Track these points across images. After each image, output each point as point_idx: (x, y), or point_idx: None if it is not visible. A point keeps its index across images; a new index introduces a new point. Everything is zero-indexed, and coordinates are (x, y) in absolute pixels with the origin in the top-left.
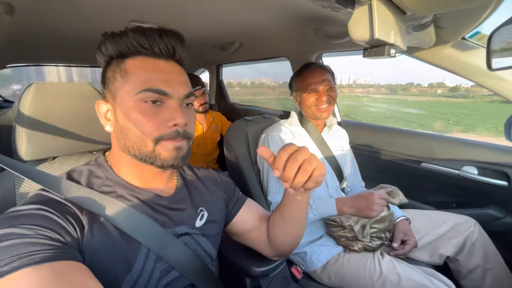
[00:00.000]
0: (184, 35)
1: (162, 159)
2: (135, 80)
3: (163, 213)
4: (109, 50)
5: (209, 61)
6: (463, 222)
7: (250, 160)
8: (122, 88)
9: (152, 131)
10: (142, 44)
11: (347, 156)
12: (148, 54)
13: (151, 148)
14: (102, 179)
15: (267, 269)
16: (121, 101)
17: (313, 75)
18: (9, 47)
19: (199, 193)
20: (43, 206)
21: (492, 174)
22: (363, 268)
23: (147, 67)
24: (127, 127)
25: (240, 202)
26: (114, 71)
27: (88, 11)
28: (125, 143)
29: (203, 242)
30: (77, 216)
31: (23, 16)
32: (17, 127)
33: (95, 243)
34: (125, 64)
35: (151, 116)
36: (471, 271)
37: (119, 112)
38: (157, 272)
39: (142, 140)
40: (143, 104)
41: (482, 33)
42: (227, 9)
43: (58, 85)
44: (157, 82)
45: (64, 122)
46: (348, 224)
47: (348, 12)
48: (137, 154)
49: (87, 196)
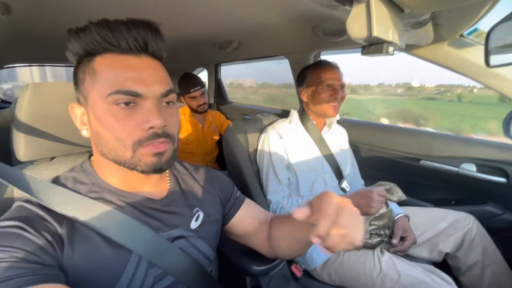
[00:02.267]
0: (182, 34)
1: (142, 166)
2: (104, 80)
3: (155, 217)
4: (75, 48)
5: (208, 60)
6: (462, 218)
7: (249, 159)
8: (92, 90)
9: (128, 136)
10: (108, 39)
11: (346, 155)
12: (116, 50)
13: (129, 155)
14: (88, 185)
15: (267, 267)
16: (93, 105)
17: (331, 71)
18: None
19: (194, 192)
20: (20, 223)
21: (490, 171)
22: (363, 265)
23: (116, 66)
24: (101, 132)
25: (238, 203)
26: (84, 71)
27: (85, 11)
28: (102, 149)
29: (199, 245)
30: (55, 232)
31: (20, 16)
32: (15, 127)
33: (77, 258)
34: (93, 63)
35: (124, 119)
36: (470, 267)
37: (92, 116)
38: (149, 279)
39: (119, 147)
40: (115, 106)
41: (480, 30)
42: (225, 8)
43: (56, 85)
44: (128, 82)
45: (62, 122)
46: None
47: (347, 10)
48: (116, 160)
49: (74, 202)
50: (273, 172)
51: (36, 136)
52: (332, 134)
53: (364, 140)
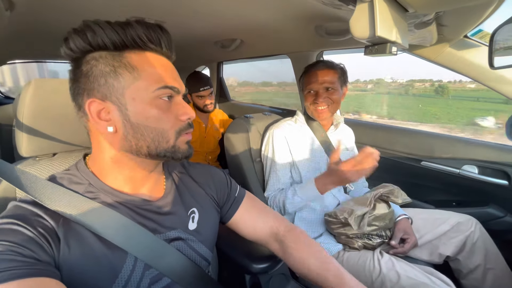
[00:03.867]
0: (185, 32)
1: (181, 152)
2: (148, 77)
3: (152, 219)
4: (99, 40)
5: (210, 58)
6: (464, 221)
7: (250, 157)
8: (132, 85)
9: (172, 126)
10: (151, 38)
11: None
12: (154, 49)
13: (172, 143)
14: (84, 185)
15: (266, 266)
16: (135, 99)
17: (315, 74)
18: (9, 43)
19: (190, 192)
20: (16, 220)
21: (492, 173)
22: (363, 266)
23: (157, 64)
24: (144, 124)
25: (238, 201)
26: (115, 66)
27: (88, 7)
28: (137, 142)
29: (197, 246)
30: (52, 229)
31: (23, 12)
32: (17, 123)
33: (73, 256)
34: (127, 58)
35: (167, 111)
36: (472, 270)
37: (133, 110)
38: (146, 280)
39: (163, 136)
40: (159, 100)
41: (484, 31)
42: (228, 6)
43: (58, 81)
44: (169, 79)
45: (64, 118)
46: (343, 217)
47: (350, 10)
48: (153, 151)
49: (70, 201)
50: (274, 171)
51: (38, 132)
52: (338, 134)
53: (365, 141)
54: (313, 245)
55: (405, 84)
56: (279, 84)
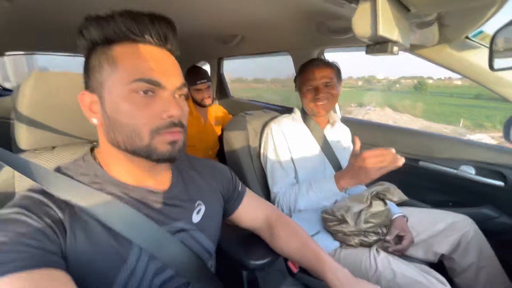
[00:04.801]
0: (185, 27)
1: (158, 153)
2: (124, 69)
3: (157, 210)
4: (92, 35)
5: (210, 54)
6: (459, 221)
7: (249, 154)
8: (110, 78)
9: (146, 123)
10: (132, 29)
11: (349, 153)
12: (138, 40)
13: (146, 142)
14: (89, 176)
15: (263, 262)
16: (110, 92)
17: (313, 71)
18: (8, 34)
19: (196, 186)
20: (23, 210)
21: (489, 174)
22: (359, 264)
23: (137, 55)
24: (118, 119)
25: (241, 197)
26: (100, 59)
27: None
28: (115, 137)
29: (200, 238)
30: (59, 219)
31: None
32: (17, 116)
33: (79, 247)
34: (112, 51)
35: (143, 107)
36: (465, 269)
37: (108, 104)
38: (150, 271)
39: (136, 133)
40: (135, 94)
41: (485, 32)
42: (230, 1)
43: (59, 75)
44: (149, 71)
45: (64, 112)
46: (340, 214)
47: (352, 8)
48: (129, 148)
49: (76, 190)
50: (279, 163)
51: (37, 125)
52: (335, 133)
53: (363, 140)
54: (297, 229)
55: (394, 81)
56: (272, 81)
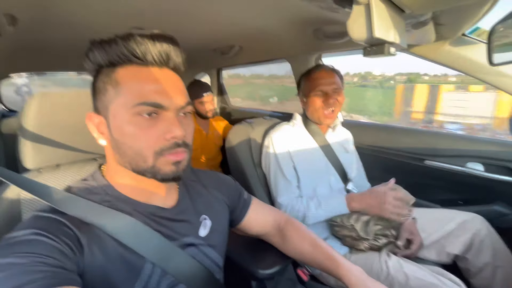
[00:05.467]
0: (184, 40)
1: (162, 174)
2: (128, 92)
3: (166, 226)
4: (97, 59)
5: (210, 65)
6: (470, 219)
7: (253, 163)
8: (114, 101)
9: (151, 146)
10: (134, 52)
11: (352, 157)
12: (140, 63)
13: (150, 163)
14: (101, 195)
15: (273, 271)
16: (115, 115)
17: (323, 76)
18: (12, 56)
19: (202, 200)
20: (38, 230)
21: (497, 170)
22: (370, 268)
23: (140, 78)
24: (123, 141)
25: (246, 206)
26: (105, 82)
27: (89, 20)
28: (121, 158)
29: (209, 252)
30: (75, 236)
31: (26, 27)
32: (22, 135)
33: (96, 263)
34: (115, 74)
35: (147, 129)
36: (481, 269)
37: (113, 126)
38: (163, 287)
39: (141, 156)
40: (139, 117)
41: (482, 28)
42: (226, 13)
43: (63, 94)
44: (152, 94)
45: (68, 130)
46: (350, 224)
47: (347, 12)
48: (135, 169)
49: (89, 209)
50: (281, 174)
51: (42, 144)
52: (336, 137)
53: (367, 142)
54: (308, 232)
55: (389, 77)
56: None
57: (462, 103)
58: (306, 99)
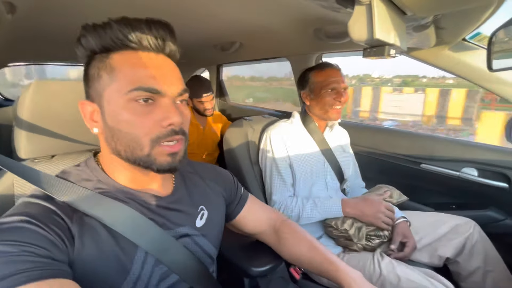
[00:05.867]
0: (184, 35)
1: (158, 164)
2: (123, 77)
3: (161, 215)
4: (90, 44)
5: (209, 61)
6: (462, 223)
7: (249, 160)
8: (109, 87)
9: (147, 133)
10: (129, 37)
11: (348, 156)
12: (135, 47)
13: (146, 152)
14: (93, 181)
15: (265, 269)
16: (109, 101)
17: (335, 73)
18: (10, 46)
19: (199, 190)
20: (28, 217)
21: (492, 176)
22: (363, 269)
23: (136, 62)
24: (118, 128)
25: (243, 201)
26: (99, 68)
27: (89, 10)
28: (116, 146)
29: (203, 243)
30: (65, 226)
31: (25, 15)
32: (17, 125)
33: (87, 253)
34: (110, 59)
35: (143, 116)
36: (471, 273)
37: (108, 113)
38: (155, 276)
39: (137, 143)
40: (134, 103)
41: (482, 34)
42: (228, 9)
43: (59, 84)
44: (148, 79)
45: (63, 121)
46: (344, 229)
47: (348, 12)
48: (129, 157)
49: (83, 197)
50: (277, 171)
51: (37, 134)
52: (334, 136)
53: (364, 143)
54: (305, 234)
55: (387, 79)
56: (268, 79)
57: (398, 103)
58: (314, 95)
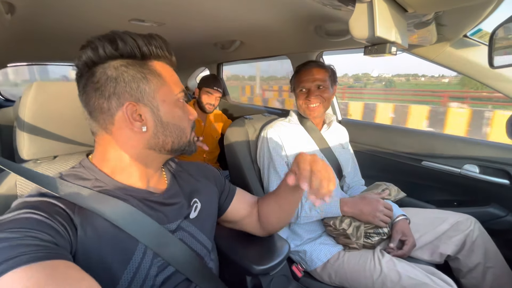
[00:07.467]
0: (185, 33)
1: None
2: (170, 82)
3: (157, 210)
4: (132, 48)
5: (210, 59)
6: (463, 220)
7: (250, 158)
8: (160, 89)
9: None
10: (164, 50)
11: (347, 153)
12: (166, 60)
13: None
14: (91, 180)
15: (267, 267)
16: (165, 100)
17: (306, 73)
18: (10, 46)
19: (190, 185)
20: (32, 209)
21: (493, 173)
22: (363, 266)
23: (171, 72)
24: (172, 123)
25: (232, 193)
26: (144, 72)
27: (89, 10)
28: (165, 139)
29: (198, 235)
30: (68, 217)
31: (24, 15)
32: (18, 126)
33: (90, 242)
34: (152, 66)
35: (185, 112)
36: (472, 269)
37: (163, 111)
38: (154, 268)
39: (184, 132)
40: (180, 102)
41: (483, 30)
42: (228, 7)
43: (60, 84)
44: (180, 84)
45: (65, 121)
46: (342, 228)
47: (349, 10)
48: (175, 145)
49: (82, 194)
50: (274, 169)
51: (39, 135)
52: (332, 133)
53: (365, 140)
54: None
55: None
56: (267, 79)
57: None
58: (295, 95)
